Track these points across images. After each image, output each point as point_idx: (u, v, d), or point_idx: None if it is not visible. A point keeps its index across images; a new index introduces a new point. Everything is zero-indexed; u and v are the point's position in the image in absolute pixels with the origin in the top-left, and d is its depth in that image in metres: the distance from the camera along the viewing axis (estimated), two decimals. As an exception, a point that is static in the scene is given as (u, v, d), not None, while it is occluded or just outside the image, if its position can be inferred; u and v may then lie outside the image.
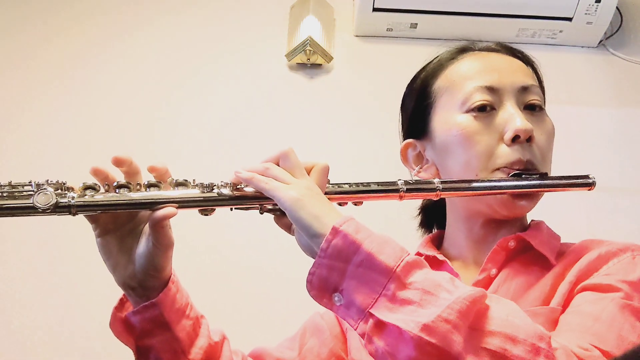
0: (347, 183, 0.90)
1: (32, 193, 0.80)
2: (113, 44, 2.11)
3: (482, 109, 0.98)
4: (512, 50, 1.07)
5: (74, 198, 0.81)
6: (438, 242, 1.09)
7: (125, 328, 0.91)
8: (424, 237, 1.13)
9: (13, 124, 2.00)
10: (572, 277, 0.90)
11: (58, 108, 2.02)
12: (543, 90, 1.06)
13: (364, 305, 0.75)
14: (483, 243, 1.01)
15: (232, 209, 0.88)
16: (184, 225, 1.00)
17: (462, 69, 1.03)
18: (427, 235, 1.13)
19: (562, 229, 1.02)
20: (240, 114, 2.02)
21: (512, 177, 0.95)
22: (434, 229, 1.16)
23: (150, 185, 0.85)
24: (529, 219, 1.05)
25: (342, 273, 0.76)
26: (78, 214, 0.82)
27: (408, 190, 0.91)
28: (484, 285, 0.95)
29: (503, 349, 0.71)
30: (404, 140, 1.09)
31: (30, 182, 0.81)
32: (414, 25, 2.06)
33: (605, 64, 2.10)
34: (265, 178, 0.84)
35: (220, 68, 2.08)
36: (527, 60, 1.07)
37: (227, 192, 0.85)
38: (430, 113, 1.04)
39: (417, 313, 0.72)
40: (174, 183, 0.86)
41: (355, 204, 0.92)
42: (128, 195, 0.83)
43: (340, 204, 0.91)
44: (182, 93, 2.04)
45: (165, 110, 2.02)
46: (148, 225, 0.85)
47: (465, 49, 1.07)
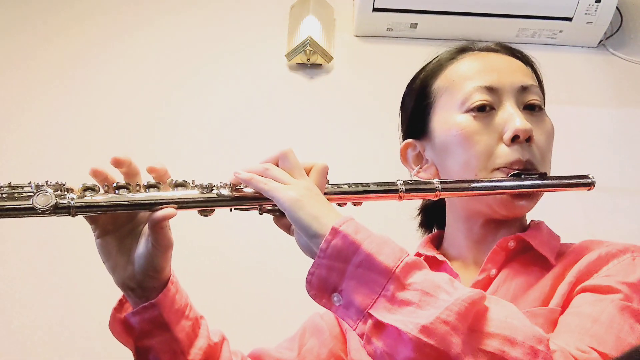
0: (346, 183, 0.90)
1: (31, 194, 0.80)
2: (113, 44, 2.11)
3: (481, 109, 0.98)
4: (511, 50, 1.07)
5: (74, 199, 0.81)
6: (438, 242, 1.09)
7: (125, 329, 0.91)
8: (424, 237, 1.13)
9: (13, 124, 2.00)
10: (571, 277, 0.89)
11: (58, 108, 2.02)
12: (543, 90, 1.05)
13: (363, 306, 0.75)
14: (483, 243, 1.01)
15: (231, 210, 0.88)
16: (184, 226, 1.00)
17: (461, 69, 1.03)
18: (426, 236, 1.13)
19: (561, 229, 1.02)
20: (240, 114, 2.01)
21: (511, 177, 0.95)
22: (434, 229, 1.16)
23: (150, 186, 0.85)
24: (529, 219, 1.05)
25: (341, 273, 0.76)
26: (77, 215, 0.82)
27: (407, 191, 0.91)
28: (484, 286, 0.95)
29: (501, 351, 0.71)
30: (404, 141, 1.09)
31: (30, 183, 0.81)
32: (414, 25, 2.06)
33: (605, 64, 2.09)
34: (265, 179, 0.84)
35: (220, 68, 2.08)
36: (526, 60, 1.07)
37: (226, 192, 0.85)
38: (430, 113, 1.04)
39: (416, 314, 0.72)
40: (174, 184, 0.86)
41: (355, 205, 0.92)
42: (127, 196, 0.83)
43: (340, 205, 0.91)
44: (182, 93, 2.04)
45: (165, 110, 2.02)
46: (147, 226, 0.85)
47: (465, 49, 1.07)
